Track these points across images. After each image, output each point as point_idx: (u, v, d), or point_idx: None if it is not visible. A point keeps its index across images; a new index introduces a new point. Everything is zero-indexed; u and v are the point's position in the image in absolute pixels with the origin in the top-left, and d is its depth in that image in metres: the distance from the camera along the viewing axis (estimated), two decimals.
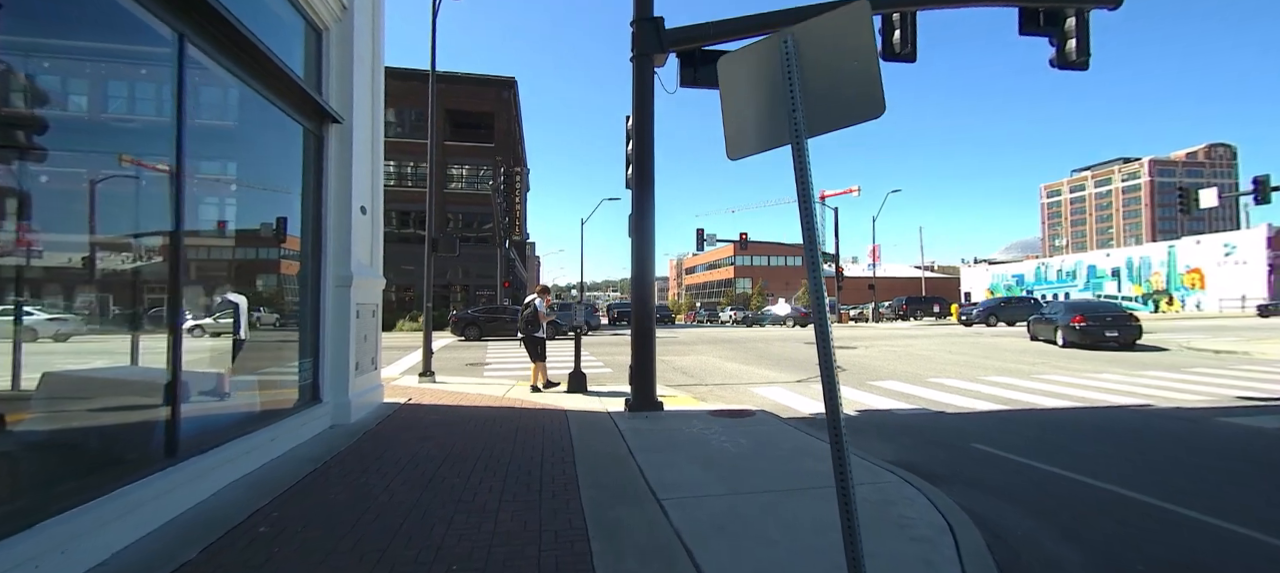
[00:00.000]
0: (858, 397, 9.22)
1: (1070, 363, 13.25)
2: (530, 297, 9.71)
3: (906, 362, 14.04)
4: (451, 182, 37.44)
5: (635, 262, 7.41)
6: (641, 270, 7.37)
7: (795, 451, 5.47)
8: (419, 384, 10.31)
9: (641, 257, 7.35)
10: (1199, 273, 49.81)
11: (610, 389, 9.81)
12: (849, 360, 14.46)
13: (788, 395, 9.53)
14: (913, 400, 8.84)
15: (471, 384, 10.40)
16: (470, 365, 14.29)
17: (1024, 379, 10.90)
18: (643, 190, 7.31)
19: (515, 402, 8.34)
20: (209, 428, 4.40)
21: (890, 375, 11.62)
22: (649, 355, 7.25)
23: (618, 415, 7.20)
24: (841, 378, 11.71)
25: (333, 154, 6.36)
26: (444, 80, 36.44)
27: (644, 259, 7.35)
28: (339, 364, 6.33)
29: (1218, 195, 25.83)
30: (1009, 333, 24.77)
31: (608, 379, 11.65)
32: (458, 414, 7.25)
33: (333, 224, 6.34)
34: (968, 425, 7.16)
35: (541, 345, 9.41)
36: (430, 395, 8.85)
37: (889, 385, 10.34)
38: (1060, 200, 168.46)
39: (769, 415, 7.29)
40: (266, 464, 4.72)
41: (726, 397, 9.60)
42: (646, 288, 7.39)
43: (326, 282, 6.24)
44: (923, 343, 19.77)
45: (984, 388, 9.91)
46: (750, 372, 12.73)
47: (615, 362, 14.81)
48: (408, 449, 5.46)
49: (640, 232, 7.32)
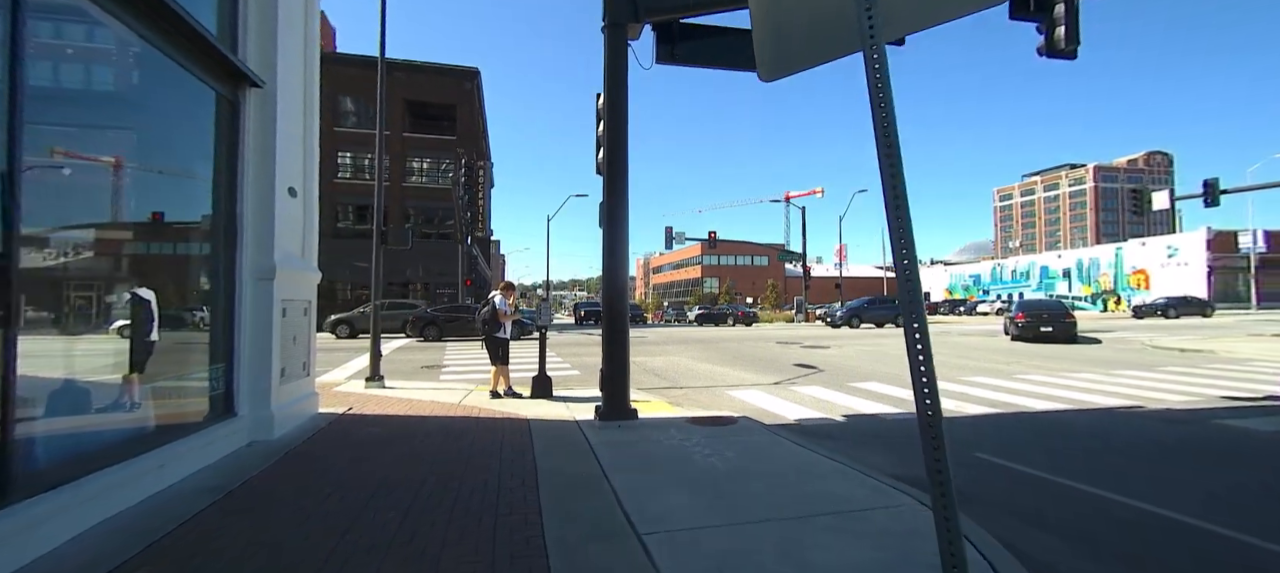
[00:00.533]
0: (840, 400, 8.70)
1: (1047, 362, 13.11)
2: (492, 293, 8.86)
3: (882, 362, 13.69)
4: (412, 175, 35.88)
5: (607, 254, 6.66)
6: (614, 265, 6.63)
7: (796, 468, 4.82)
8: (365, 390, 9.32)
9: (614, 250, 6.61)
10: (1144, 274, 52.01)
11: (578, 394, 9.04)
12: (824, 360, 14.04)
13: (767, 399, 8.94)
14: (899, 404, 8.35)
15: (425, 390, 9.47)
16: (426, 368, 13.27)
17: (1004, 379, 10.61)
18: (615, 176, 6.58)
19: (472, 410, 7.48)
20: (71, 456, 3.47)
21: (870, 376, 11.19)
22: (622, 359, 6.52)
23: (587, 425, 6.44)
24: (820, 379, 11.22)
25: (252, 124, 5.41)
26: (404, 70, 34.92)
27: (616, 252, 6.62)
28: (259, 371, 5.39)
29: (1168, 198, 26.68)
30: (973, 330, 25.02)
31: (575, 382, 10.87)
32: (404, 427, 6.37)
33: (251, 207, 5.39)
34: (964, 431, 6.68)
35: (503, 347, 8.57)
36: (375, 404, 7.90)
37: (871, 387, 9.87)
38: (1012, 204, 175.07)
39: (753, 423, 6.66)
40: (150, 499, 3.80)
41: (703, 401, 8.94)
42: (619, 284, 6.66)
43: (243, 274, 5.30)
44: (894, 343, 19.60)
45: (967, 389, 9.54)
46: (725, 373, 12.13)
47: (584, 363, 14.02)
48: (337, 473, 4.59)
49: (612, 222, 6.58)
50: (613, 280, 6.62)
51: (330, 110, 33.73)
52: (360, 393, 9.00)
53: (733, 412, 7.85)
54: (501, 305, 8.59)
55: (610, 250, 6.62)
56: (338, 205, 34.32)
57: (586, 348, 18.65)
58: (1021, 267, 66.24)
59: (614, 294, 6.61)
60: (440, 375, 12.08)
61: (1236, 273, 47.38)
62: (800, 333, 26.39)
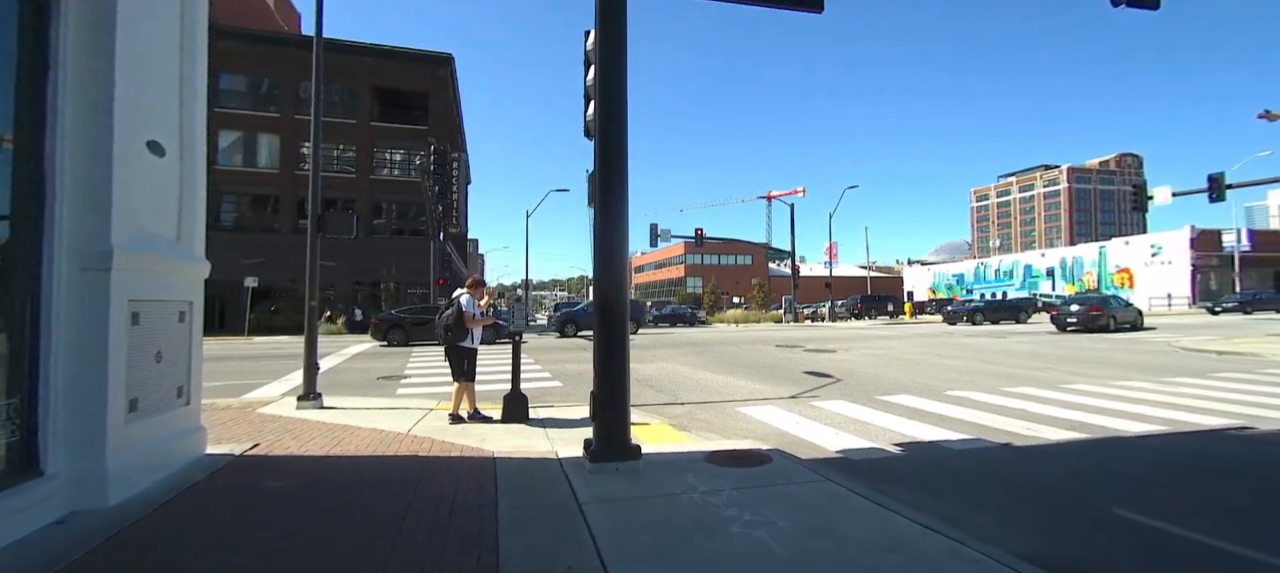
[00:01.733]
0: (878, 420, 7.16)
1: (1086, 368, 11.79)
2: (458, 292, 7.13)
3: (900, 367, 12.25)
4: (383, 167, 33.60)
5: (599, 241, 5.00)
6: (610, 252, 4.97)
7: (889, 545, 3.22)
8: (295, 412, 7.52)
9: (609, 233, 4.95)
10: (1128, 272, 51.94)
11: (561, 415, 7.37)
12: (835, 366, 12.56)
13: (790, 419, 7.38)
14: (950, 424, 6.85)
15: (372, 410, 7.70)
16: (382, 380, 11.45)
17: (1057, 390, 9.21)
18: (610, 136, 4.93)
19: (424, 443, 5.77)
20: None
21: (896, 387, 9.70)
22: (620, 378, 4.88)
23: (575, 468, 4.79)
24: (841, 391, 9.68)
25: (72, 35, 3.64)
26: (372, 54, 32.80)
27: (612, 237, 4.97)
28: (83, 404, 3.63)
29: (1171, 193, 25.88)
30: (978, 332, 23.90)
31: (557, 396, 9.20)
32: (322, 476, 4.64)
33: (71, 162, 3.62)
34: (1064, 469, 5.17)
35: (470, 360, 6.85)
36: (297, 435, 6.13)
37: (904, 401, 8.38)
38: (988, 204, 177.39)
39: (791, 461, 5.07)
40: None
41: (713, 422, 7.35)
42: (616, 277, 5.01)
43: (56, 261, 3.53)
44: (899, 345, 18.25)
45: (1025, 405, 8.09)
46: (728, 383, 10.56)
47: (566, 371, 12.33)
48: (193, 568, 2.87)
49: (608, 196, 4.93)
50: (609, 272, 4.97)
51: (292, 99, 31.48)
52: (286, 418, 7.20)
53: (753, 438, 6.27)
54: (469, 307, 6.87)
55: (605, 236, 4.96)
56: (302, 199, 32.01)
57: (569, 354, 16.94)
58: (1005, 266, 66.14)
59: (610, 290, 4.95)
60: (398, 389, 10.29)
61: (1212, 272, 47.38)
62: (796, 334, 25.00)
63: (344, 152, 32.83)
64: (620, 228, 5.00)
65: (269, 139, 31.25)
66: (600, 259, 5.00)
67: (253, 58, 30.77)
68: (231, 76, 30.67)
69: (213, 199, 30.63)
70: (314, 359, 8.00)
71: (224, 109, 30.50)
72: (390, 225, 33.98)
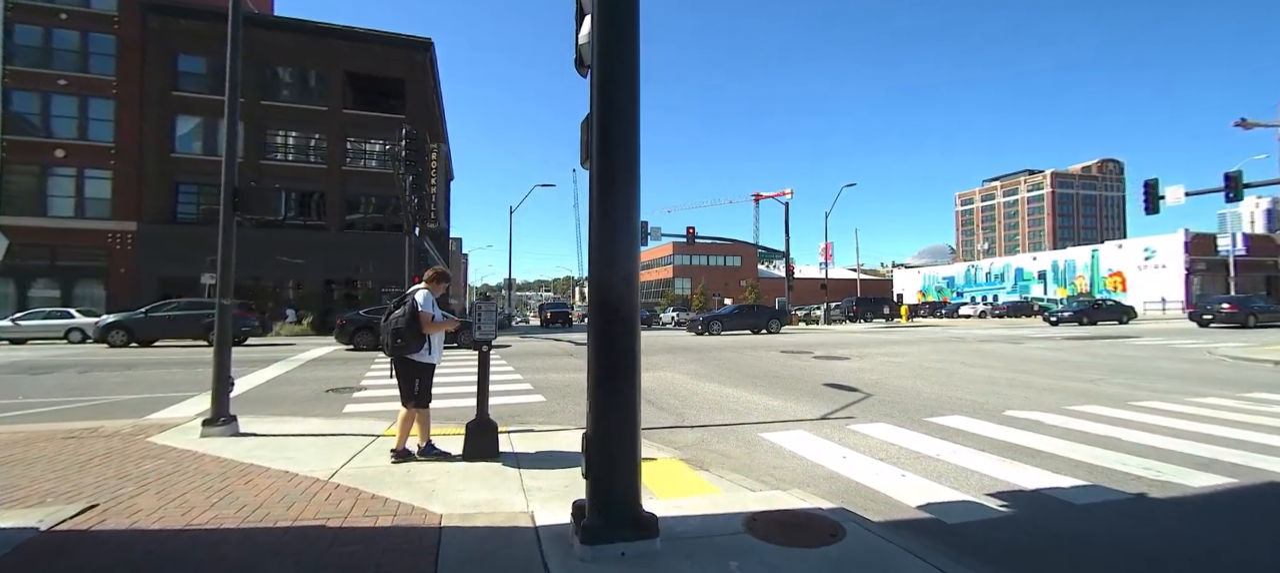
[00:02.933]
0: (944, 452, 5.65)
1: (1147, 382, 10.43)
2: (413, 287, 5.44)
3: (930, 378, 10.79)
4: (361, 157, 31.42)
5: (598, 217, 3.37)
6: (612, 233, 3.32)
7: None
8: (198, 441, 5.82)
9: (613, 204, 3.32)
10: (1121, 276, 51.48)
11: (541, 446, 5.75)
12: (855, 376, 11.06)
13: (829, 450, 5.84)
14: (1039, 461, 5.36)
15: (299, 439, 6.01)
16: (331, 393, 9.71)
17: (1125, 408, 7.80)
18: (614, 71, 3.32)
19: (346, 500, 4.11)
20: None
21: (940, 404, 8.22)
22: (627, 422, 3.26)
23: (558, 548, 3.19)
24: (878, 410, 8.09)
25: None
26: (345, 38, 30.81)
27: (617, 210, 3.33)
28: None
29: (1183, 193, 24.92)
30: (987, 335, 22.63)
31: (538, 415, 7.56)
32: (165, 563, 2.98)
33: None
34: (1264, 540, 3.67)
35: (423, 379, 5.17)
36: (170, 485, 4.44)
37: (961, 424, 6.89)
38: (973, 208, 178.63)
39: (867, 530, 3.53)
40: None
41: (733, 454, 5.79)
42: (623, 270, 3.35)
43: None
44: (914, 351, 16.84)
45: (1101, 428, 6.64)
46: (741, 399, 9.00)
47: (549, 383, 10.68)
48: None
49: (608, 147, 3.32)
50: (611, 259, 3.34)
51: (258, 83, 29.41)
52: (179, 451, 5.49)
53: (796, 483, 4.71)
54: (426, 305, 5.20)
55: (606, 211, 3.32)
56: None
57: (553, 360, 15.27)
58: (996, 268, 65.61)
59: (613, 286, 3.33)
60: (347, 405, 8.58)
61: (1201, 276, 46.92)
62: (798, 339, 23.58)
63: (319, 142, 30.73)
64: (627, 196, 3.38)
65: None
66: (599, 243, 3.37)
67: (215, 39, 28.58)
68: (190, 58, 28.51)
69: (170, 190, 28.47)
70: (226, 373, 6.27)
71: (183, 93, 28.35)
72: (367, 220, 31.95)
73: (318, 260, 29.66)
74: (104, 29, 27.49)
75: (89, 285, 26.88)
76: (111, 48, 27.49)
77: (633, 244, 3.46)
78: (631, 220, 3.45)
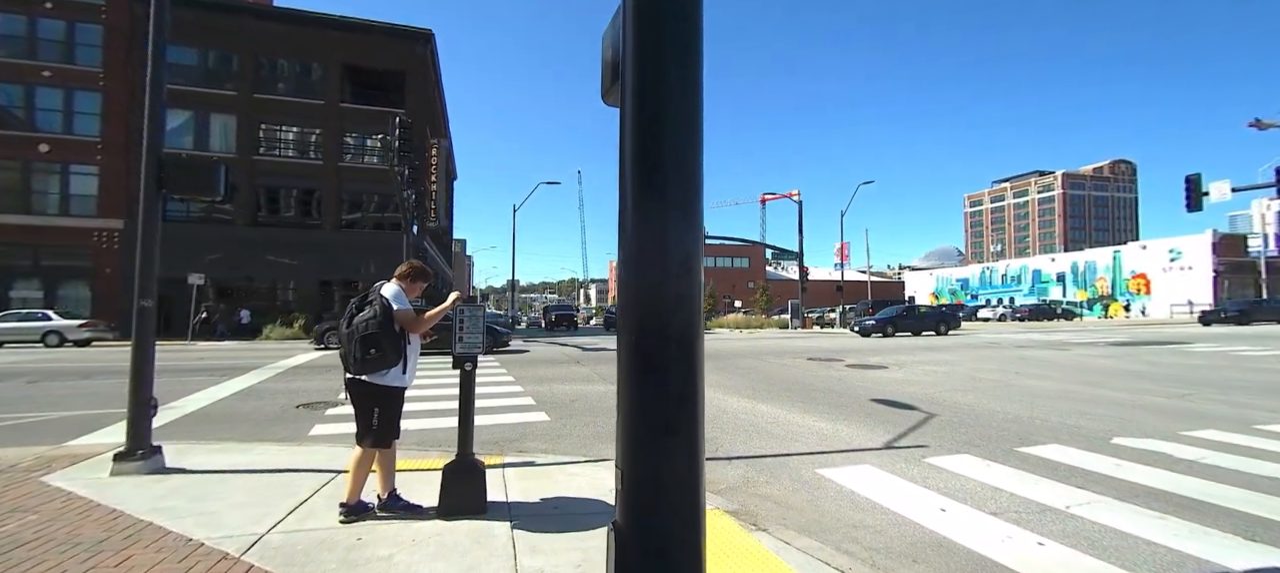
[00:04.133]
0: (1073, 503, 4.29)
1: (1226, 393, 9.00)
2: (380, 283, 4.07)
3: (991, 394, 9.39)
4: (363, 153, 30.01)
5: (638, 179, 1.99)
6: (659, 194, 1.97)
7: None
8: (106, 481, 4.50)
9: (661, 154, 1.96)
10: (1144, 278, 49.77)
11: (545, 492, 4.41)
12: (903, 390, 9.67)
13: (915, 496, 4.50)
14: (1213, 517, 4.01)
15: (234, 477, 4.69)
16: (303, 408, 8.38)
17: (1249, 433, 6.42)
18: None
19: None
20: None
21: (1023, 428, 6.85)
22: (685, 498, 1.90)
23: None
24: (951, 436, 6.38)
25: None
26: (341, 28, 29.63)
27: (666, 159, 1.97)
28: None
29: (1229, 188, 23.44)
30: (1028, 341, 21.15)
31: (540, 440, 6.22)
32: None
33: None
34: None
35: (387, 407, 3.79)
36: (4, 569, 3.12)
37: (1065, 458, 5.53)
38: (982, 209, 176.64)
39: None
40: None
41: (793, 502, 4.45)
42: (675, 263, 2.00)
43: None
44: (955, 358, 15.42)
45: (1248, 463, 5.27)
46: (781, 419, 7.63)
47: (553, 398, 9.33)
48: None
49: (653, 66, 1.96)
50: (658, 247, 1.97)
51: (251, 75, 28.27)
52: (67, 496, 4.18)
53: (879, 537, 3.38)
54: (394, 299, 3.85)
55: (650, 170, 1.94)
56: (259, 189, 28.74)
57: (557, 369, 13.94)
58: (1013, 270, 63.91)
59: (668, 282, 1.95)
60: (316, 424, 7.25)
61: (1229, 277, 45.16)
62: (820, 344, 22.19)
63: (315, 138, 29.46)
64: (683, 143, 2.01)
65: (224, 120, 27.94)
66: (639, 221, 1.97)
67: (206, 29, 27.51)
68: (180, 49, 27.35)
69: None
70: (146, 393, 4.95)
71: (172, 85, 27.12)
72: (367, 220, 30.67)
73: (313, 261, 28.45)
74: (91, 19, 26.38)
75: (74, 286, 25.73)
76: (98, 38, 26.38)
77: (692, 221, 2.09)
78: (689, 184, 2.07)
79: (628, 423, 1.96)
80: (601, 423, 7.42)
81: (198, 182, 5.22)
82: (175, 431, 6.96)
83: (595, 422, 7.51)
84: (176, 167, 5.12)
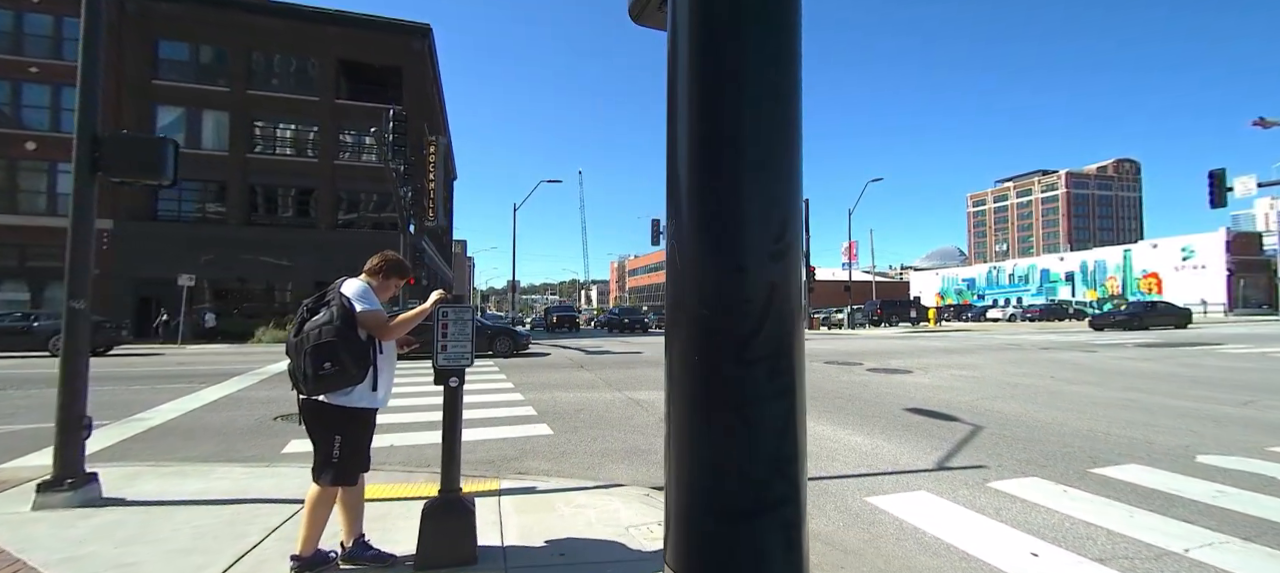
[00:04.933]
0: (1193, 543, 3.53)
1: None
2: (341, 280, 3.30)
3: (1034, 401, 8.62)
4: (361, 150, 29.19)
5: (695, 82, 1.27)
6: (729, 142, 1.21)
7: None
8: (25, 517, 3.74)
9: (742, 77, 1.20)
10: (1156, 277, 48.95)
11: (551, 532, 3.63)
12: (935, 397, 8.90)
13: (993, 534, 3.76)
14: None
15: (172, 519, 3.93)
16: (277, 422, 7.60)
17: None
18: None
19: None
20: None
21: (1093, 446, 6.07)
22: None
23: None
24: (1009, 454, 5.12)
25: None
26: (337, 23, 28.91)
27: (747, 87, 1.22)
28: None
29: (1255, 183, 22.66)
30: (1053, 341, 20.37)
31: (541, 456, 5.45)
32: None
33: None
34: None
35: (349, 433, 3.02)
36: None
37: (1153, 481, 4.77)
38: (985, 209, 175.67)
39: None
40: None
41: (847, 541, 3.71)
42: (755, 245, 1.23)
43: None
44: (980, 361, 14.65)
45: None
46: (810, 431, 6.84)
47: (556, 406, 8.56)
48: None
49: None
50: (734, 221, 1.19)
51: (244, 71, 27.55)
52: None
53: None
54: (358, 298, 3.07)
55: (718, 109, 1.19)
56: (255, 187, 27.99)
57: (560, 374, 13.17)
58: (1020, 269, 63.09)
59: (752, 268, 1.19)
60: (292, 440, 6.48)
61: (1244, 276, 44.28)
62: (834, 346, 21.42)
63: (310, 135, 28.68)
64: (776, 35, 1.24)
65: (216, 116, 27.20)
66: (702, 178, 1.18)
67: (199, 24, 26.80)
68: (172, 44, 26.65)
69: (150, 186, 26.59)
70: (78, 410, 4.19)
71: (163, 82, 26.49)
72: (365, 219, 29.90)
73: (309, 261, 27.67)
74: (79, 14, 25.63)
75: (61, 287, 24.94)
76: None
77: (786, 172, 1.29)
78: (783, 111, 1.29)
79: (685, 497, 1.20)
80: (609, 437, 6.66)
81: (140, 163, 4.46)
82: (132, 448, 6.20)
83: (602, 436, 6.75)
84: (115, 145, 4.36)
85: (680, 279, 1.23)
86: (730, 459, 1.15)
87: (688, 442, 1.20)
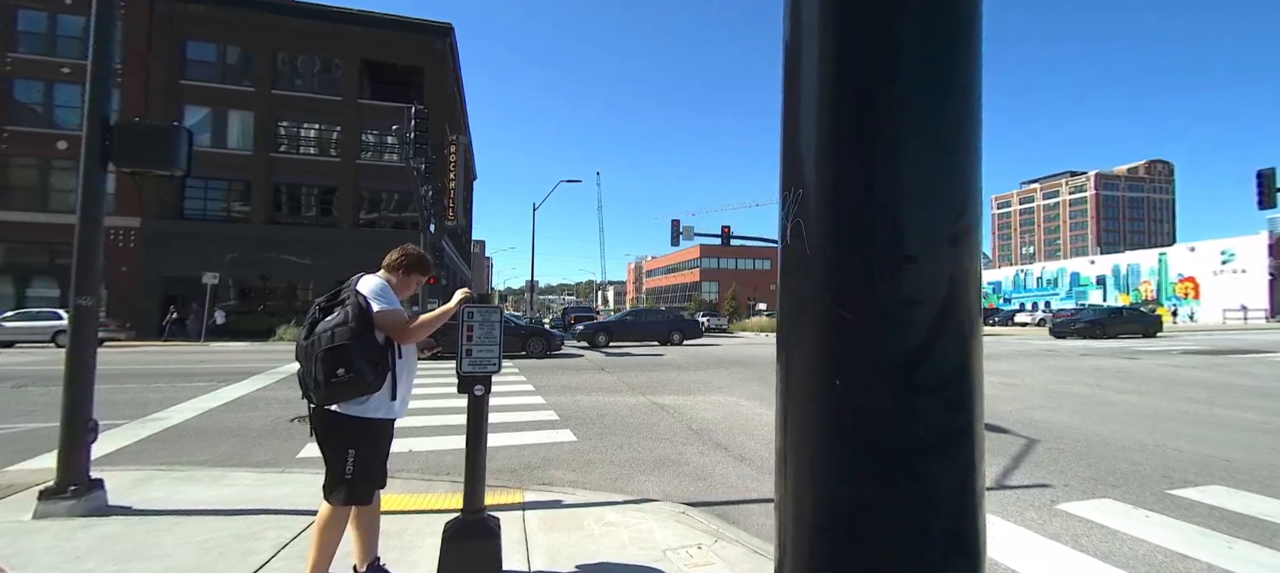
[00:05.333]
0: None
1: None
2: (356, 278, 3.01)
3: (1086, 412, 8.10)
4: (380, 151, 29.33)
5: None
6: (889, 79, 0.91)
7: None
8: (24, 527, 3.51)
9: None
10: (1193, 282, 47.24)
11: (581, 556, 3.29)
12: None
13: (1057, 556, 3.37)
14: None
15: (178, 532, 3.68)
16: (295, 423, 7.40)
17: None
18: None
19: None
20: None
21: (1165, 464, 5.59)
22: None
23: None
24: (1071, 471, 4.07)
25: None
26: (359, 22, 29.04)
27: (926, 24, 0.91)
28: None
29: None
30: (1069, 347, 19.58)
31: (566, 464, 5.15)
32: None
33: None
34: None
35: (363, 446, 2.70)
36: None
37: (1243, 505, 4.30)
38: (1010, 211, 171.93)
39: None
40: None
41: None
42: (920, 175, 0.93)
43: None
44: (1019, 368, 14.04)
45: None
46: None
47: (578, 410, 8.25)
48: None
49: None
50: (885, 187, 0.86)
51: (268, 72, 27.78)
52: None
53: None
54: (375, 297, 2.76)
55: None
56: (278, 186, 28.22)
57: (580, 376, 12.88)
58: (1049, 273, 61.43)
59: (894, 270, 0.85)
60: (308, 445, 6.24)
61: None
62: None
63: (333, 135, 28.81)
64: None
65: (241, 116, 27.48)
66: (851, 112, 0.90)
67: (227, 25, 27.09)
68: (199, 45, 26.97)
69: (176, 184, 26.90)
70: (85, 414, 3.97)
71: (190, 82, 26.82)
72: (386, 219, 29.99)
73: (330, 260, 27.79)
74: None
75: None
76: (117, 35, 26.08)
77: (962, 143, 0.94)
78: (958, 61, 0.94)
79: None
80: (635, 444, 6.33)
81: (153, 152, 4.24)
82: (147, 448, 6.03)
83: (628, 443, 6.42)
84: (127, 132, 4.15)
85: (806, 274, 0.88)
86: (886, 537, 0.80)
87: (821, 498, 0.86)
